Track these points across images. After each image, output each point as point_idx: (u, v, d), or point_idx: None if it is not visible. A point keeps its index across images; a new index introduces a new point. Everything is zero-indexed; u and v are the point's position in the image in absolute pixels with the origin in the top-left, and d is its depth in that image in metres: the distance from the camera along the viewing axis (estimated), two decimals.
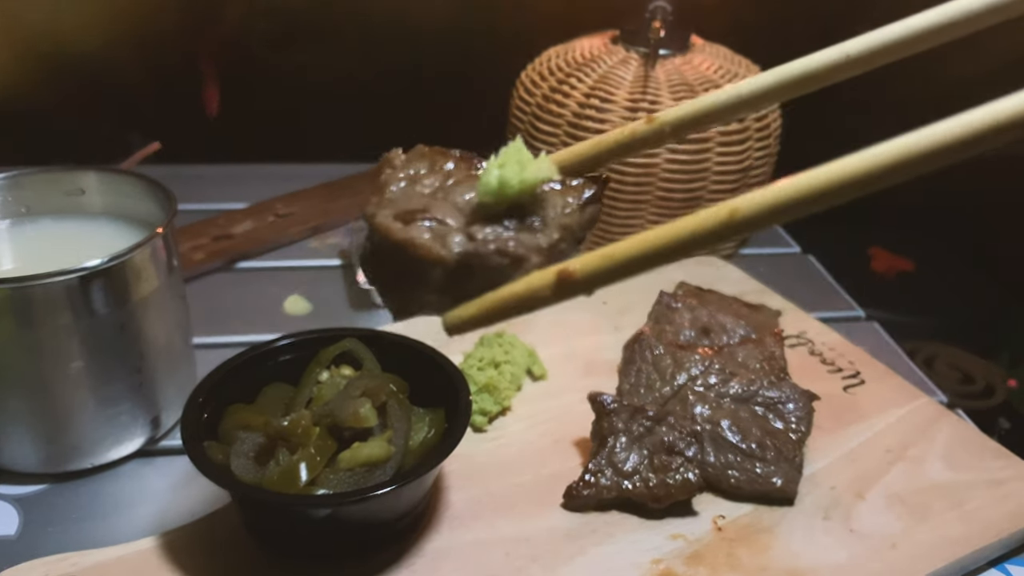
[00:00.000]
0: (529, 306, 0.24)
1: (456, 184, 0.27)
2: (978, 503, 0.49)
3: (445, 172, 0.27)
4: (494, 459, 0.51)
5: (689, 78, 0.71)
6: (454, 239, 0.24)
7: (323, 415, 0.45)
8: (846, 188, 0.20)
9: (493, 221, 0.25)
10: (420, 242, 0.24)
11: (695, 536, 0.46)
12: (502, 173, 0.24)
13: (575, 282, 0.23)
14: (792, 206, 0.21)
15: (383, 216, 0.25)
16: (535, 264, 0.24)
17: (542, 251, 0.25)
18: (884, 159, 0.20)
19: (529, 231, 0.25)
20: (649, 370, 0.55)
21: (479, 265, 0.24)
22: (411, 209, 0.25)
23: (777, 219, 0.21)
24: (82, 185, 0.54)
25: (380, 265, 0.26)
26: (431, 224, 0.25)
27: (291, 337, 0.50)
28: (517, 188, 0.24)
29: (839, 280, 0.76)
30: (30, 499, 0.48)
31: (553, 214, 0.25)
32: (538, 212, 0.25)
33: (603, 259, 0.23)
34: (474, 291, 0.24)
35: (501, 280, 0.24)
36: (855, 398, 0.57)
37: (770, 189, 0.21)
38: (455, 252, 0.24)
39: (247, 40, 0.91)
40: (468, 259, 0.24)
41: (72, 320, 0.45)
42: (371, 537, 0.44)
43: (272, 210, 0.79)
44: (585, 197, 0.26)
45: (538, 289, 0.23)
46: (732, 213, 0.21)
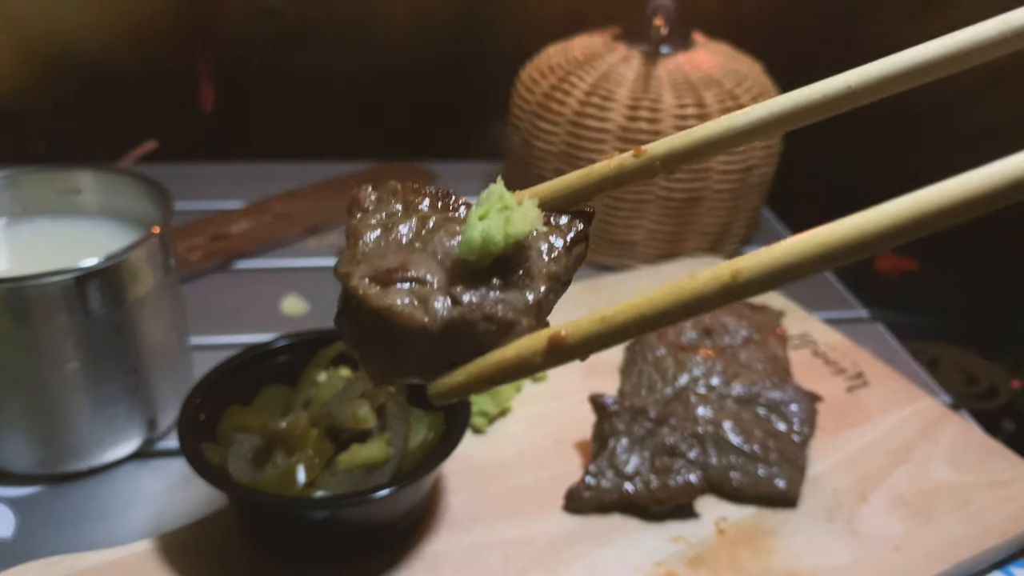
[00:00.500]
0: (519, 373, 0.22)
1: (435, 229, 0.24)
2: (982, 505, 0.48)
3: (421, 214, 0.25)
4: (494, 461, 0.51)
5: (691, 76, 0.70)
6: (437, 303, 0.23)
7: (321, 416, 0.44)
8: (854, 249, 0.20)
9: (477, 279, 0.23)
10: (400, 310, 0.22)
11: (697, 539, 0.46)
12: (485, 230, 0.23)
13: (568, 348, 0.22)
14: (797, 267, 0.20)
15: (358, 280, 0.23)
16: (524, 328, 0.23)
17: (530, 310, 0.23)
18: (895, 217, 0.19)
19: (516, 287, 0.23)
20: (651, 371, 0.54)
21: (465, 332, 0.23)
22: (388, 268, 0.23)
23: (781, 281, 0.20)
24: (78, 184, 0.53)
25: (357, 329, 0.24)
26: (411, 286, 0.23)
27: (289, 338, 0.49)
28: (502, 245, 0.23)
29: (842, 280, 0.75)
30: (25, 501, 0.48)
31: (539, 263, 0.24)
32: (523, 262, 0.24)
33: (597, 323, 0.22)
34: (460, 357, 0.23)
35: (489, 345, 0.23)
36: (858, 399, 0.57)
37: (775, 249, 0.20)
38: (439, 319, 0.22)
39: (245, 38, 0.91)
40: (453, 325, 0.22)
41: (68, 320, 0.45)
42: (370, 540, 0.44)
43: (270, 209, 0.79)
44: (571, 237, 0.24)
45: (529, 356, 0.22)
46: (735, 275, 0.20)
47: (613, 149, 0.68)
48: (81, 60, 0.85)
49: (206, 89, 0.89)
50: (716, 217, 0.73)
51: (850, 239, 0.19)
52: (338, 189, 0.85)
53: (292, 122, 0.93)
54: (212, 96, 0.89)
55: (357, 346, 0.24)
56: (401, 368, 0.23)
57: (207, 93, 0.89)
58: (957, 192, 0.19)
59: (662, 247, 0.74)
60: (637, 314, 0.21)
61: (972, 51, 0.23)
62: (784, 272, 0.20)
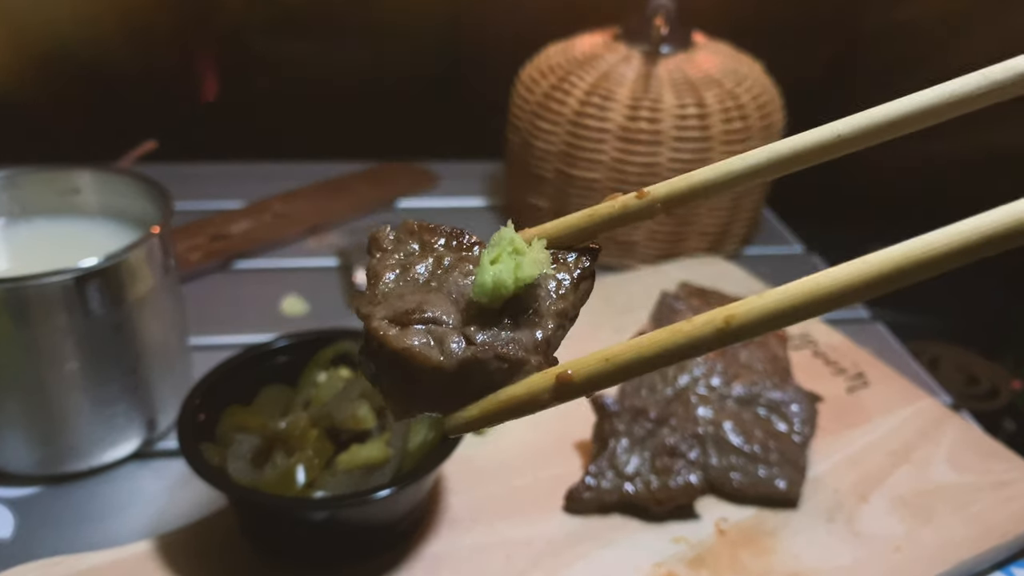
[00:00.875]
0: (529, 410, 0.25)
1: (450, 268, 0.26)
2: (983, 505, 0.48)
3: (437, 253, 0.27)
4: (494, 461, 0.51)
5: (691, 76, 0.70)
6: (452, 343, 0.24)
7: (321, 417, 0.44)
8: (847, 296, 0.21)
9: (489, 319, 0.25)
10: (417, 351, 0.24)
11: (697, 539, 0.46)
12: (497, 275, 0.24)
13: (574, 386, 0.24)
14: (787, 315, 0.21)
15: (378, 321, 0.25)
16: (534, 366, 0.25)
17: (539, 348, 0.25)
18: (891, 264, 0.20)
19: (526, 326, 0.25)
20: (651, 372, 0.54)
21: (478, 370, 0.24)
22: (406, 309, 0.25)
23: (771, 327, 0.22)
24: (77, 184, 0.53)
25: (379, 367, 0.25)
26: (428, 327, 0.25)
27: (288, 338, 0.49)
28: (512, 289, 0.24)
29: None
30: (25, 501, 0.48)
31: (547, 301, 0.25)
32: (532, 301, 0.25)
33: (601, 363, 0.24)
34: (473, 393, 0.25)
35: (501, 382, 0.24)
36: (859, 400, 0.57)
37: (767, 296, 0.21)
38: (454, 359, 0.24)
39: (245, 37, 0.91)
40: (467, 364, 0.24)
41: (67, 321, 0.45)
42: (369, 540, 0.44)
43: (269, 210, 0.79)
44: (578, 274, 0.26)
45: (538, 393, 0.24)
46: (727, 321, 0.22)
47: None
48: (79, 59, 0.85)
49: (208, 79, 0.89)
50: (716, 217, 0.73)
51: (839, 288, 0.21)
52: (338, 189, 0.85)
53: (292, 122, 0.93)
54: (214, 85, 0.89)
55: (379, 382, 0.25)
56: (419, 403, 0.25)
57: (209, 82, 0.89)
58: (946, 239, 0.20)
59: (662, 247, 0.74)
60: (637, 355, 0.23)
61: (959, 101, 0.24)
62: (773, 320, 0.21)
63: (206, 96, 0.90)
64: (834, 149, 0.25)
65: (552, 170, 0.73)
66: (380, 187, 0.86)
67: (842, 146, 0.25)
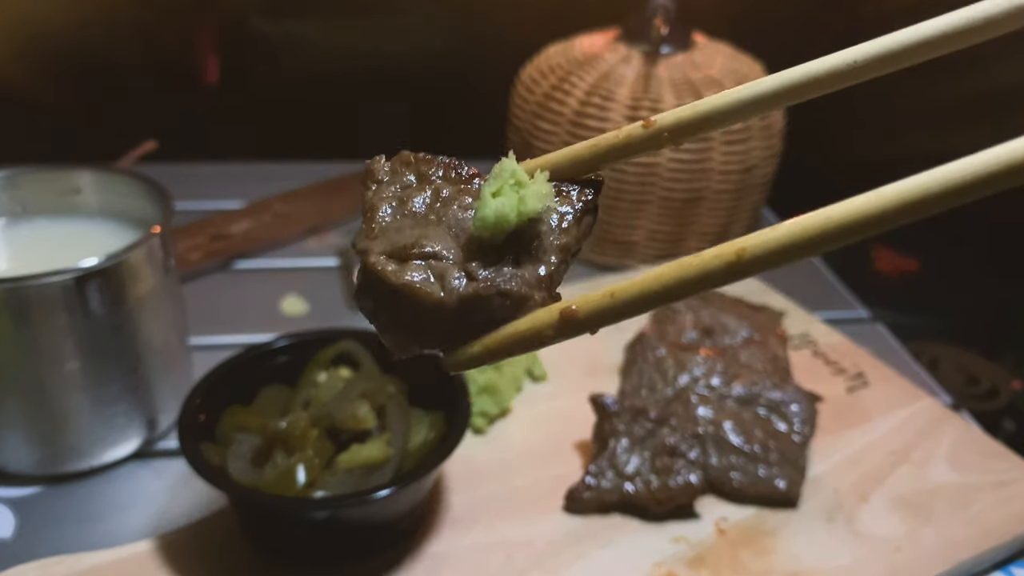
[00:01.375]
0: (533, 345, 0.24)
1: (448, 201, 0.25)
2: (983, 505, 0.48)
3: (435, 185, 0.26)
4: (494, 461, 0.51)
5: (691, 76, 0.70)
6: (453, 279, 0.24)
7: (321, 417, 0.44)
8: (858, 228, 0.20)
9: (491, 254, 0.24)
10: (418, 287, 0.23)
11: (697, 539, 0.46)
12: (498, 208, 0.23)
13: (578, 321, 0.23)
14: (801, 246, 0.20)
15: (376, 256, 0.24)
16: (537, 302, 0.24)
17: (542, 283, 0.24)
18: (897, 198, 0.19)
19: (528, 261, 0.24)
20: (651, 371, 0.54)
21: (480, 307, 0.23)
22: (405, 244, 0.24)
23: (786, 260, 0.21)
24: (78, 184, 0.53)
25: (375, 303, 0.25)
26: (428, 262, 0.24)
27: (289, 338, 0.49)
28: (515, 223, 0.24)
29: (843, 280, 0.75)
30: (26, 501, 0.48)
31: (550, 235, 0.24)
32: (534, 235, 0.24)
33: (605, 299, 0.23)
34: (475, 330, 0.24)
35: (503, 318, 0.24)
36: (859, 400, 0.57)
37: (779, 228, 0.21)
38: (455, 295, 0.23)
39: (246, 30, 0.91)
40: (469, 301, 0.23)
41: (68, 320, 0.45)
42: (370, 540, 0.44)
43: (270, 209, 0.79)
44: (581, 207, 0.25)
45: (542, 328, 0.23)
46: (740, 254, 0.21)
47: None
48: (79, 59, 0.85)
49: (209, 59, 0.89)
50: (716, 217, 0.73)
51: (853, 219, 0.20)
52: (338, 189, 0.84)
53: (292, 122, 0.93)
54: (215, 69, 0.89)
55: (376, 319, 0.25)
56: (419, 340, 0.24)
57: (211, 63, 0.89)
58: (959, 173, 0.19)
59: (662, 247, 0.74)
60: (644, 290, 0.22)
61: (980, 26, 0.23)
62: (788, 251, 0.20)
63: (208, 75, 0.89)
64: (848, 76, 0.24)
65: None
66: None
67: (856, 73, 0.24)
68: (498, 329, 0.24)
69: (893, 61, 0.24)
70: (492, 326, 0.24)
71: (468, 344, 0.24)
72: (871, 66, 0.24)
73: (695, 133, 0.25)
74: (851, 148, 0.87)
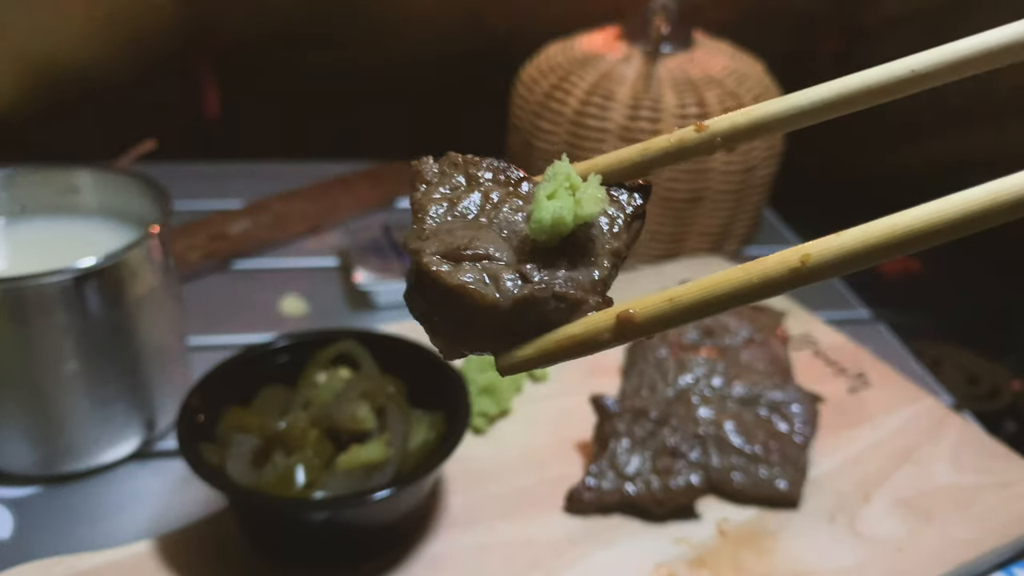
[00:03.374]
0: (588, 350, 0.23)
1: (499, 204, 0.25)
2: (985, 506, 0.48)
3: (484, 187, 0.26)
4: (494, 462, 0.50)
5: (692, 75, 0.70)
6: (507, 281, 0.23)
7: (320, 417, 0.44)
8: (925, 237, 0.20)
9: (545, 257, 0.24)
10: (473, 288, 0.23)
11: (699, 540, 0.45)
12: (556, 212, 0.23)
13: (636, 326, 0.22)
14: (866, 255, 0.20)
15: (429, 257, 0.23)
16: (591, 306, 0.23)
17: (596, 288, 0.24)
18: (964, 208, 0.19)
19: (582, 265, 0.24)
20: (652, 372, 0.54)
21: (535, 309, 0.23)
22: (458, 245, 0.24)
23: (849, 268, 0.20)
24: (77, 183, 0.53)
25: (427, 305, 0.24)
26: (482, 263, 0.24)
27: (288, 338, 0.49)
28: (571, 227, 0.23)
29: (844, 281, 0.75)
30: (24, 502, 0.48)
31: (602, 239, 0.24)
32: (587, 239, 0.24)
33: (665, 303, 0.22)
34: (527, 333, 0.24)
35: (557, 321, 0.23)
36: (860, 400, 0.57)
37: (844, 236, 0.20)
38: (510, 297, 0.23)
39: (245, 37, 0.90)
40: (524, 303, 0.23)
41: (66, 320, 0.45)
42: (370, 541, 0.44)
43: (269, 209, 0.79)
44: (631, 212, 0.25)
45: (598, 333, 0.23)
46: (803, 260, 0.21)
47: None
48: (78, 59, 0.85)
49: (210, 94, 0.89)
50: (717, 217, 0.73)
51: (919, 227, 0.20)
52: (338, 189, 0.84)
53: (292, 122, 0.93)
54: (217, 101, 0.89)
55: (428, 321, 0.24)
56: (471, 342, 0.24)
57: (211, 98, 0.89)
58: None
59: (662, 247, 0.73)
60: (705, 295, 0.22)
61: None
62: (852, 258, 0.20)
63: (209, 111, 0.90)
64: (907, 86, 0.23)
65: None
66: (380, 187, 0.86)
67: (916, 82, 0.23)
68: (552, 332, 0.23)
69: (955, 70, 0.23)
70: (545, 329, 0.24)
71: (521, 347, 0.24)
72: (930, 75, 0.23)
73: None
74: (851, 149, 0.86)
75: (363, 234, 0.72)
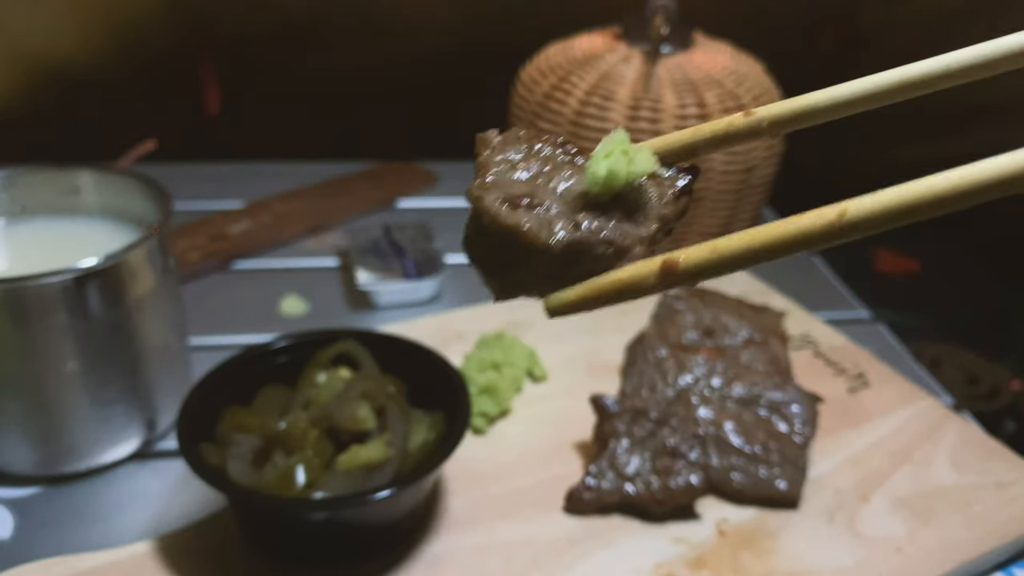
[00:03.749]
0: (632, 293, 0.24)
1: (556, 169, 0.27)
2: (984, 506, 0.48)
3: (543, 157, 0.27)
4: (494, 462, 0.50)
5: (692, 76, 0.70)
6: (559, 226, 0.25)
7: (321, 417, 0.44)
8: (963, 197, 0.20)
9: (597, 210, 0.26)
10: (527, 228, 0.25)
11: (698, 540, 0.46)
12: (610, 165, 0.25)
13: (679, 273, 0.24)
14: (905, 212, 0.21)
15: (490, 200, 0.25)
16: (637, 254, 0.25)
17: (643, 241, 0.25)
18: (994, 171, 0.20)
19: (631, 221, 0.26)
20: (652, 372, 0.54)
21: (584, 253, 0.25)
22: (516, 194, 0.26)
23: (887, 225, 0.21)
24: (77, 184, 0.53)
25: (483, 248, 0.26)
26: (537, 210, 0.25)
27: (288, 338, 0.49)
28: (623, 180, 0.25)
29: (844, 281, 0.75)
30: (24, 502, 0.48)
31: (652, 204, 0.26)
32: (638, 202, 0.26)
33: (708, 252, 0.23)
34: (576, 277, 0.25)
35: (604, 268, 0.25)
36: (860, 400, 0.57)
37: (883, 193, 0.21)
38: (562, 240, 0.25)
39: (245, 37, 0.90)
40: (573, 247, 0.25)
41: (67, 321, 0.45)
42: (370, 541, 0.44)
43: (269, 210, 0.79)
44: (680, 187, 0.27)
45: (643, 277, 0.24)
46: (840, 215, 0.21)
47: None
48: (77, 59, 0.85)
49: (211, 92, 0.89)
50: (717, 217, 0.73)
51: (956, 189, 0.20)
52: (338, 189, 0.84)
53: (292, 122, 0.93)
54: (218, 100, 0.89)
55: (481, 263, 0.26)
56: (521, 283, 0.26)
57: (212, 96, 0.89)
58: None
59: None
60: (745, 246, 0.23)
61: None
62: (890, 214, 0.21)
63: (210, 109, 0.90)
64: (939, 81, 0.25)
65: None
66: (380, 187, 0.86)
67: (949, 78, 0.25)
68: (599, 276, 0.25)
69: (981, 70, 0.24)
70: (593, 274, 0.25)
71: (568, 289, 0.25)
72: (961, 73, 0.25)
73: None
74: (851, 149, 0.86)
75: (363, 234, 0.73)
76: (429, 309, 0.68)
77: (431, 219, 0.76)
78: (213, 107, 0.91)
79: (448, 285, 0.70)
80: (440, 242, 0.72)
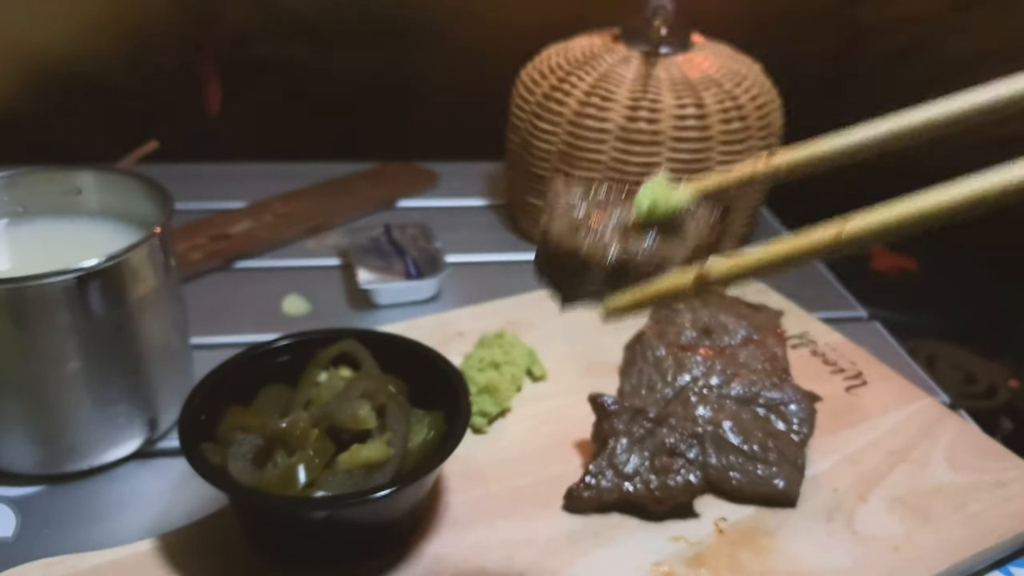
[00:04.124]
0: (674, 298, 0.33)
1: (608, 205, 0.34)
2: (981, 505, 0.48)
3: (600, 196, 0.34)
4: (494, 461, 0.51)
5: (690, 76, 0.70)
6: (612, 248, 0.31)
7: (321, 417, 0.44)
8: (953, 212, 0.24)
9: (642, 235, 0.32)
10: (586, 249, 0.31)
11: (697, 538, 0.46)
12: (652, 199, 0.32)
13: (710, 280, 0.29)
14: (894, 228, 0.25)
15: (556, 228, 0.32)
16: (676, 270, 0.31)
17: (680, 259, 0.31)
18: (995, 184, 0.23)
19: (671, 245, 0.32)
20: (650, 371, 0.54)
21: (632, 267, 0.31)
22: (577, 223, 0.33)
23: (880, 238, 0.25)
24: (79, 184, 0.53)
25: (550, 266, 0.33)
26: (594, 235, 0.32)
27: (289, 338, 0.49)
28: (663, 211, 0.32)
29: (841, 280, 0.76)
30: (26, 501, 0.48)
31: (688, 231, 0.32)
32: (677, 231, 0.32)
33: (731, 263, 0.29)
34: (627, 287, 0.31)
35: (649, 279, 0.31)
36: (857, 399, 0.57)
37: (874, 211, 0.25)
38: (613, 258, 0.31)
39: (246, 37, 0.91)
40: (623, 263, 0.31)
41: (69, 321, 0.45)
42: (370, 540, 0.44)
43: (270, 209, 0.79)
44: (713, 220, 0.33)
45: (681, 286, 0.30)
46: (838, 234, 0.26)
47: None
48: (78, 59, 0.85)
49: (212, 92, 0.89)
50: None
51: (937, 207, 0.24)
52: (339, 189, 0.85)
53: (293, 122, 0.93)
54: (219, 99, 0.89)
55: (550, 277, 0.33)
56: (582, 293, 0.32)
57: (214, 96, 0.89)
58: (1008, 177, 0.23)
59: None
60: (760, 259, 0.28)
61: None
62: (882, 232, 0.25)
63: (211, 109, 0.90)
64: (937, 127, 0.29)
65: (552, 170, 0.73)
66: (380, 187, 0.86)
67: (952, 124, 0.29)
68: (645, 286, 0.31)
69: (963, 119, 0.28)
70: (640, 284, 0.31)
71: (620, 296, 0.31)
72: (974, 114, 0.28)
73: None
74: None
75: (364, 234, 0.73)
76: (429, 309, 0.68)
77: (431, 219, 0.76)
78: (214, 107, 0.91)
79: (448, 285, 0.70)
80: (440, 242, 0.72)
